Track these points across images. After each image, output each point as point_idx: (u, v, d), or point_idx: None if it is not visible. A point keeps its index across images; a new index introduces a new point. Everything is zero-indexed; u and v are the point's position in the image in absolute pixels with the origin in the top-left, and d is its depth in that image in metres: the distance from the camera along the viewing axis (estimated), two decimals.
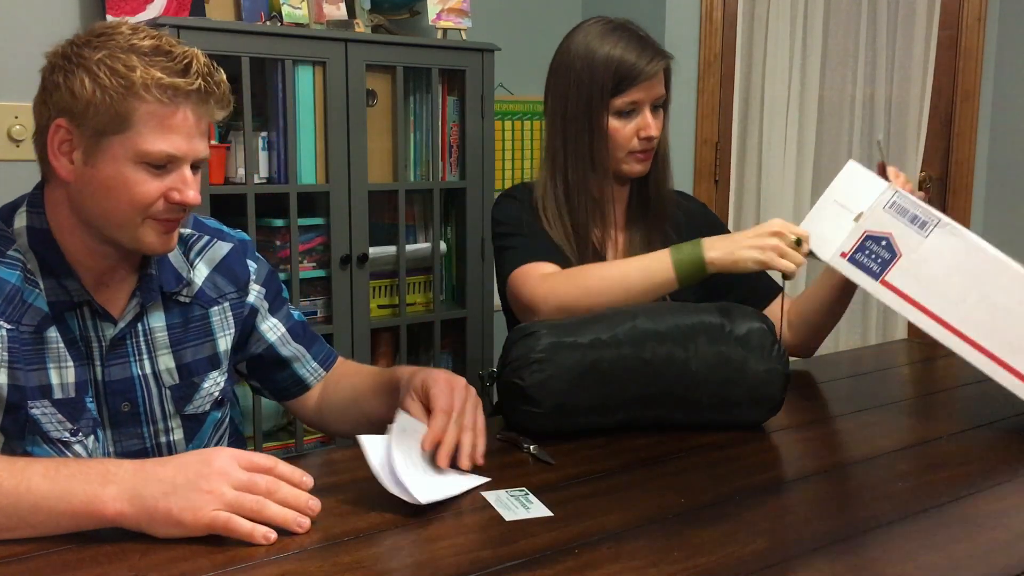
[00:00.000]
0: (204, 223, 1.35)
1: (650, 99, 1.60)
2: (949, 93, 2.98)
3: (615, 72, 1.57)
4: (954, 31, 2.96)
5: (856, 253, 1.38)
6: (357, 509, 1.05)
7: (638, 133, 1.60)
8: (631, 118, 1.60)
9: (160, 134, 1.12)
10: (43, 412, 1.17)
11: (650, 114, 1.61)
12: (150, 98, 1.10)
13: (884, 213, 1.37)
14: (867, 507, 1.09)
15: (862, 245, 1.37)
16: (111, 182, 1.12)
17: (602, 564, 0.92)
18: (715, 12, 2.86)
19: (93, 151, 1.12)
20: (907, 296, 1.35)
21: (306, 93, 2.25)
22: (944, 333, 1.33)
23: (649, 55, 1.58)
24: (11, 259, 1.16)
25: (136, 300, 1.23)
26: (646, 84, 1.58)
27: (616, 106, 1.59)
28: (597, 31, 1.60)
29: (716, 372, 1.30)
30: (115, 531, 0.97)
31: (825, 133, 2.97)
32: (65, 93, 1.11)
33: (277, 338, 1.38)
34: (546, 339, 1.29)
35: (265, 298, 1.38)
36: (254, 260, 1.37)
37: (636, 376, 1.29)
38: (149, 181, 1.13)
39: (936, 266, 1.34)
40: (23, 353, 1.15)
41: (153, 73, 1.10)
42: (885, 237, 1.36)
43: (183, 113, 1.13)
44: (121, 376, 1.23)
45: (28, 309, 1.15)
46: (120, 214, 1.14)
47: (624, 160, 1.63)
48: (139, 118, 1.10)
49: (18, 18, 2.15)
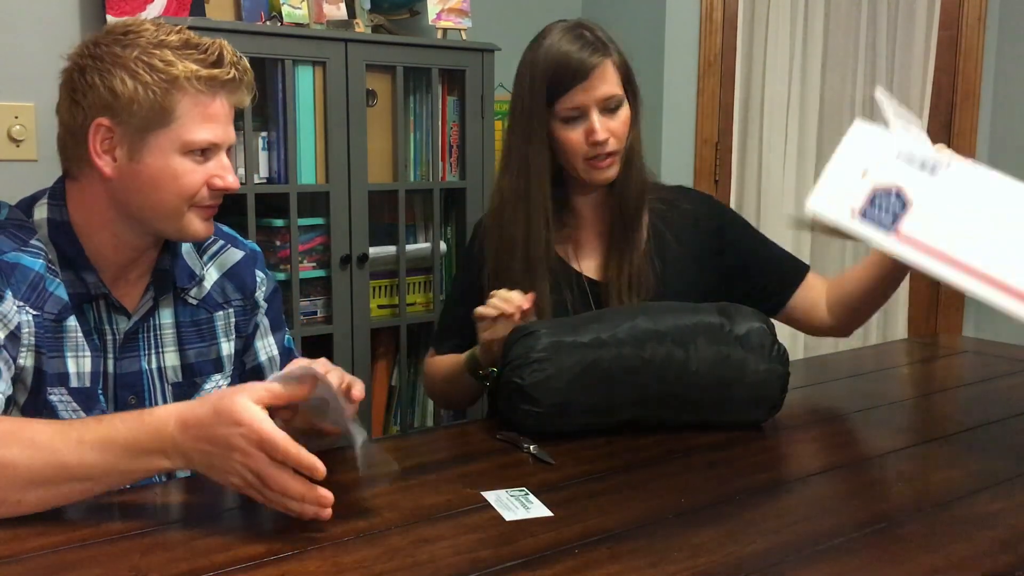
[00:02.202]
0: (219, 228, 1.38)
1: (595, 101, 1.49)
2: (949, 93, 2.98)
3: (551, 76, 1.48)
4: (954, 31, 2.96)
5: (868, 208, 1.26)
6: (357, 509, 1.05)
7: (587, 138, 1.50)
8: (579, 124, 1.50)
9: (202, 123, 1.16)
10: (60, 399, 1.19)
11: (598, 117, 1.49)
12: (192, 90, 1.15)
13: (891, 163, 1.27)
14: (867, 507, 1.09)
15: (872, 200, 1.27)
16: (158, 174, 1.16)
17: (602, 564, 0.92)
18: (715, 12, 2.86)
19: (138, 147, 1.15)
20: (928, 246, 1.23)
21: (306, 93, 2.25)
22: (974, 282, 1.21)
23: (586, 53, 1.48)
24: (34, 248, 1.18)
25: (150, 294, 1.26)
26: (585, 85, 1.47)
27: (560, 112, 1.49)
28: (547, 35, 1.53)
29: (716, 371, 1.30)
30: (115, 531, 0.98)
31: (825, 133, 2.97)
32: (104, 92, 1.14)
33: (267, 359, 1.40)
34: (546, 338, 1.29)
35: (267, 315, 1.40)
36: (264, 273, 1.39)
37: (636, 376, 1.29)
38: (194, 170, 1.18)
39: (954, 208, 1.23)
40: (45, 340, 1.17)
41: (190, 66, 1.14)
42: (895, 188, 1.25)
43: (220, 101, 1.18)
44: (131, 369, 1.25)
45: (50, 297, 1.18)
46: (168, 205, 1.18)
47: (584, 169, 1.52)
48: (183, 110, 1.15)
49: (18, 18, 2.15)
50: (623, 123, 1.53)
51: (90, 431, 0.98)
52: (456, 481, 1.15)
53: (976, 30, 2.95)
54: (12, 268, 1.15)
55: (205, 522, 1.02)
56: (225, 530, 1.01)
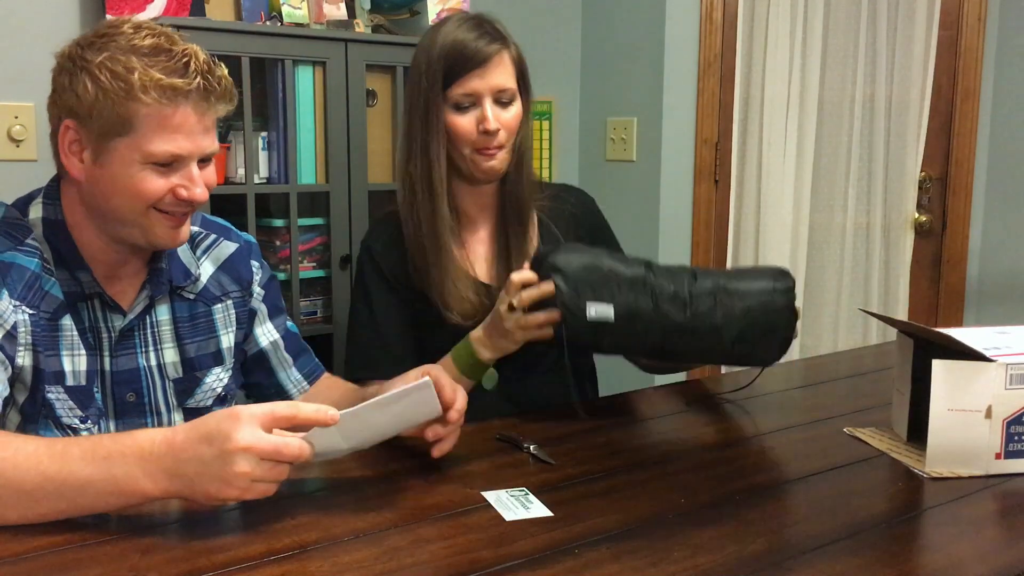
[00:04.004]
0: (212, 221, 1.37)
1: (489, 90, 1.50)
2: (949, 93, 2.98)
3: (446, 59, 1.48)
4: (954, 31, 2.96)
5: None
6: (357, 509, 1.05)
7: (478, 127, 1.50)
8: (471, 111, 1.51)
9: (163, 135, 1.13)
10: (57, 397, 1.19)
11: (491, 106, 1.50)
12: (149, 100, 1.11)
13: None
14: (867, 507, 1.09)
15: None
16: (119, 181, 1.14)
17: (602, 564, 0.92)
18: (715, 12, 2.86)
19: (101, 152, 1.14)
20: None
21: (306, 93, 2.25)
22: None
23: (483, 42, 1.49)
24: (29, 247, 1.18)
25: (145, 292, 1.26)
26: (480, 72, 1.48)
27: (452, 98, 1.50)
28: (445, 23, 1.53)
29: (719, 301, 1.36)
30: (115, 531, 0.98)
31: (825, 133, 2.96)
32: (70, 95, 1.13)
33: (269, 344, 1.40)
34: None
35: (264, 302, 1.39)
36: (259, 263, 1.39)
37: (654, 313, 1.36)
38: (156, 179, 1.15)
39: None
40: (42, 338, 1.17)
41: (152, 74, 1.11)
42: None
43: (183, 113, 1.13)
44: (128, 367, 1.25)
45: (45, 296, 1.18)
46: (128, 211, 1.16)
47: (471, 157, 1.52)
48: (141, 120, 1.12)
49: (18, 18, 2.15)
50: (515, 117, 1.54)
51: (76, 443, 0.98)
52: (456, 481, 1.15)
53: (976, 30, 2.95)
54: (8, 267, 1.15)
55: (205, 522, 1.02)
56: (225, 530, 1.01)
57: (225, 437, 0.93)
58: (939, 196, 3.02)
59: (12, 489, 0.95)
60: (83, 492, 0.96)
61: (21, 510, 0.96)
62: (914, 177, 2.99)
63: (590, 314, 1.34)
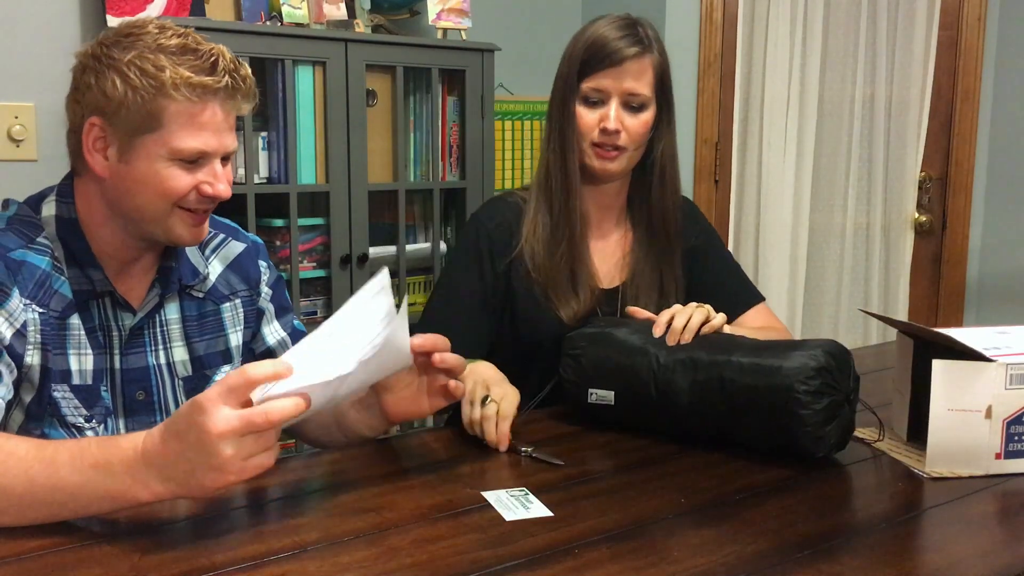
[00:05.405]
0: (220, 222, 1.39)
1: (619, 91, 1.49)
2: (949, 93, 2.98)
3: (585, 52, 1.50)
4: (954, 31, 2.96)
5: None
6: (357, 509, 1.05)
7: (600, 124, 1.51)
8: (597, 108, 1.51)
9: (191, 131, 1.15)
10: (63, 396, 1.19)
11: (618, 107, 1.50)
12: (179, 97, 1.13)
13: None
14: (867, 507, 1.09)
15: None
16: (145, 178, 1.16)
17: (602, 564, 0.92)
18: (715, 12, 2.86)
19: (127, 149, 1.15)
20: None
21: (306, 93, 2.25)
22: None
23: (626, 43, 1.49)
24: (41, 245, 1.19)
25: (155, 291, 1.26)
26: (614, 71, 1.49)
27: (583, 91, 1.51)
28: (600, 18, 1.55)
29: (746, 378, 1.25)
30: (115, 531, 0.98)
31: (825, 133, 2.97)
32: (97, 93, 1.14)
33: (276, 342, 1.40)
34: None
35: (272, 301, 1.40)
36: (266, 263, 1.41)
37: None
38: (182, 176, 1.17)
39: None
40: (50, 337, 1.18)
41: (182, 72, 1.13)
42: None
43: (212, 110, 1.16)
44: (137, 365, 1.26)
45: (55, 295, 1.18)
46: (153, 207, 1.17)
47: (587, 152, 1.53)
48: (169, 117, 1.14)
49: (18, 18, 2.15)
50: (642, 124, 1.52)
51: (64, 449, 0.97)
52: (456, 481, 1.15)
53: (976, 30, 2.95)
54: (19, 266, 1.16)
55: (205, 522, 1.02)
56: (225, 530, 1.01)
57: (199, 429, 0.92)
58: (939, 196, 3.03)
59: (2, 495, 0.96)
60: (75, 498, 0.96)
61: (13, 515, 0.97)
62: (914, 177, 2.99)
63: (590, 399, 1.35)
